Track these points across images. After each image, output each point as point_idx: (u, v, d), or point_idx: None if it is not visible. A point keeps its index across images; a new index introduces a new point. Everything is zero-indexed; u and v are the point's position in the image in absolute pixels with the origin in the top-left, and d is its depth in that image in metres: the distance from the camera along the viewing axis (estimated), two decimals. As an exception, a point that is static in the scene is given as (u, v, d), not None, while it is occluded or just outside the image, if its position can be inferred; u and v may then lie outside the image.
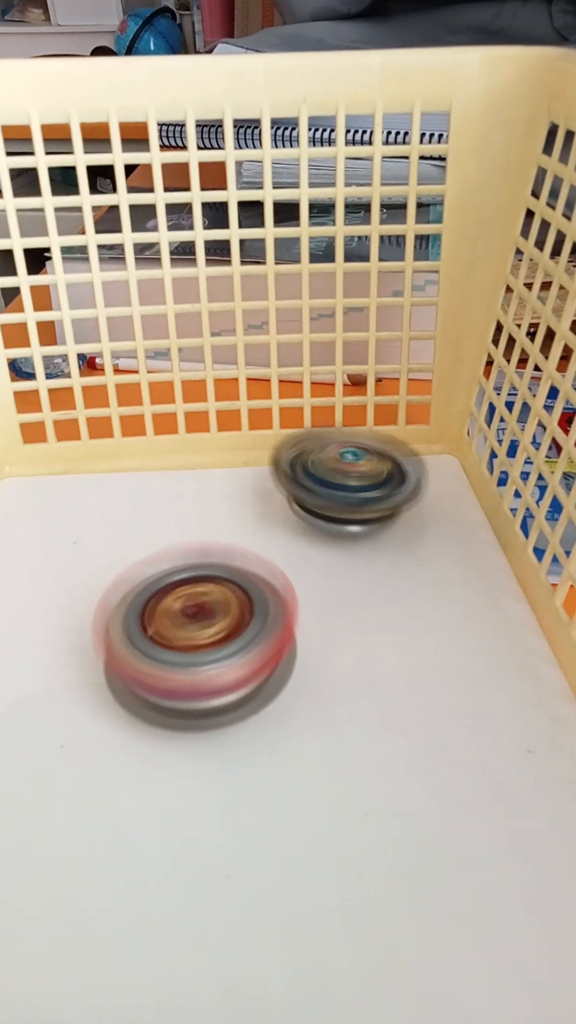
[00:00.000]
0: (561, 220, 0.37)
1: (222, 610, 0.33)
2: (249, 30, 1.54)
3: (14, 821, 0.29)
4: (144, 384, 0.47)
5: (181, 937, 0.26)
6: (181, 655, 0.31)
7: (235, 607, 0.33)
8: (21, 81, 0.39)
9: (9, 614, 0.38)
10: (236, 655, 0.31)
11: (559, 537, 0.36)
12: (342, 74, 0.41)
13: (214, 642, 0.31)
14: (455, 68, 0.41)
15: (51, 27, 1.78)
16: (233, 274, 0.45)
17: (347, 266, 0.45)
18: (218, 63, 0.40)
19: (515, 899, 0.27)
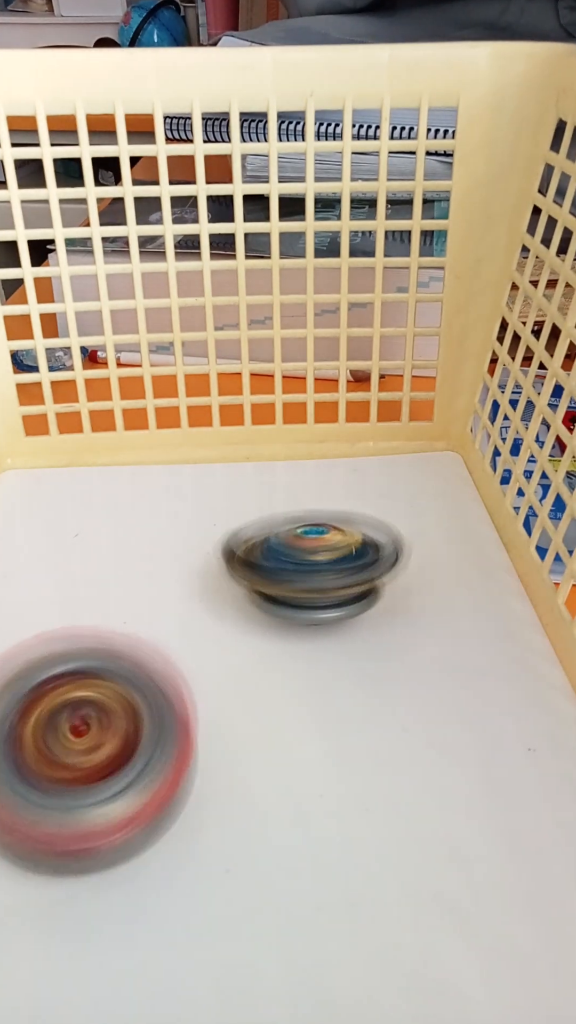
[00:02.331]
0: (568, 217, 0.37)
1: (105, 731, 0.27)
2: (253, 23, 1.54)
3: (14, 814, 0.29)
4: (147, 377, 0.47)
5: (178, 931, 0.26)
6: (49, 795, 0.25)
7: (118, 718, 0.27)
8: (28, 72, 0.39)
9: (9, 607, 0.38)
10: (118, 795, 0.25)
11: (562, 535, 0.36)
12: (350, 68, 0.40)
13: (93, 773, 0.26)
14: (464, 63, 0.41)
15: (54, 18, 1.77)
16: (237, 268, 0.45)
17: (352, 261, 0.45)
18: (226, 56, 0.40)
19: (515, 897, 0.27)
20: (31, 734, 0.27)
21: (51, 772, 0.26)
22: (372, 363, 0.48)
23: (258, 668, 0.35)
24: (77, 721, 0.28)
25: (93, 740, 0.27)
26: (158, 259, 0.44)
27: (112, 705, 0.28)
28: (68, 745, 0.27)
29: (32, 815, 0.25)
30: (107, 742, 0.27)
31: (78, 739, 0.27)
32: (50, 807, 0.25)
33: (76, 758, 0.27)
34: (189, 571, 0.40)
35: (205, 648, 0.36)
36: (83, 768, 0.26)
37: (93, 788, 0.26)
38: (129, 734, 0.27)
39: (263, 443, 0.48)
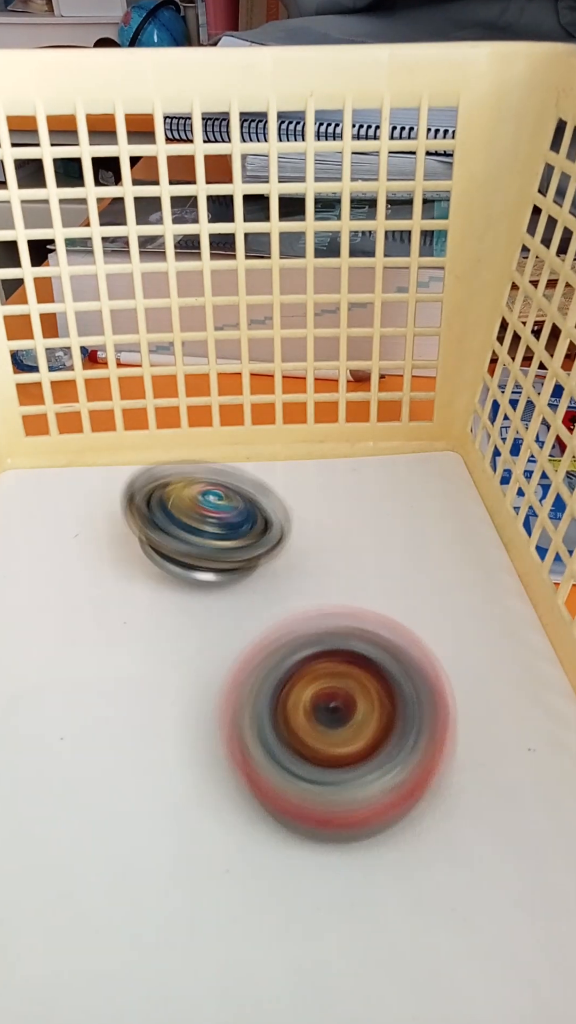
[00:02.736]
0: (568, 217, 0.37)
1: (361, 707, 0.29)
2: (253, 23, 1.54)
3: (14, 814, 0.29)
4: (147, 377, 0.47)
5: (180, 932, 0.26)
6: (319, 771, 0.27)
7: (376, 705, 0.29)
8: (28, 71, 0.39)
9: (9, 607, 0.38)
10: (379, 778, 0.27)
11: (562, 536, 0.36)
12: (350, 68, 0.40)
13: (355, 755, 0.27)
14: (464, 63, 0.40)
15: (54, 18, 1.77)
16: (237, 268, 0.45)
17: (352, 261, 0.45)
18: (226, 56, 0.40)
19: (515, 897, 0.27)
20: (297, 711, 0.29)
21: (320, 749, 0.28)
22: (372, 363, 0.48)
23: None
24: (338, 702, 0.29)
25: (354, 724, 0.28)
26: (158, 259, 0.44)
27: (369, 685, 0.29)
28: (326, 732, 0.28)
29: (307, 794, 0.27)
30: (369, 722, 0.28)
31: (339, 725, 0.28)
32: (325, 783, 0.27)
33: (334, 739, 0.28)
34: (189, 571, 0.40)
35: (207, 647, 0.36)
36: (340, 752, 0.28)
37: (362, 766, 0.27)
38: (389, 714, 0.28)
39: (263, 443, 0.48)
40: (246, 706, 0.29)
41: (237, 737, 0.28)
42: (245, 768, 0.28)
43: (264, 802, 0.28)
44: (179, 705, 0.33)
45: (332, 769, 0.27)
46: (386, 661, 0.30)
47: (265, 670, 0.30)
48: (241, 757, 0.28)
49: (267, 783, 0.27)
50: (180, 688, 0.34)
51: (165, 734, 0.32)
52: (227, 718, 0.29)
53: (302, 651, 0.31)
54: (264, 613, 0.37)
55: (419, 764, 0.27)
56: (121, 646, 0.36)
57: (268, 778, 0.27)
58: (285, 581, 0.39)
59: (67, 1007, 0.24)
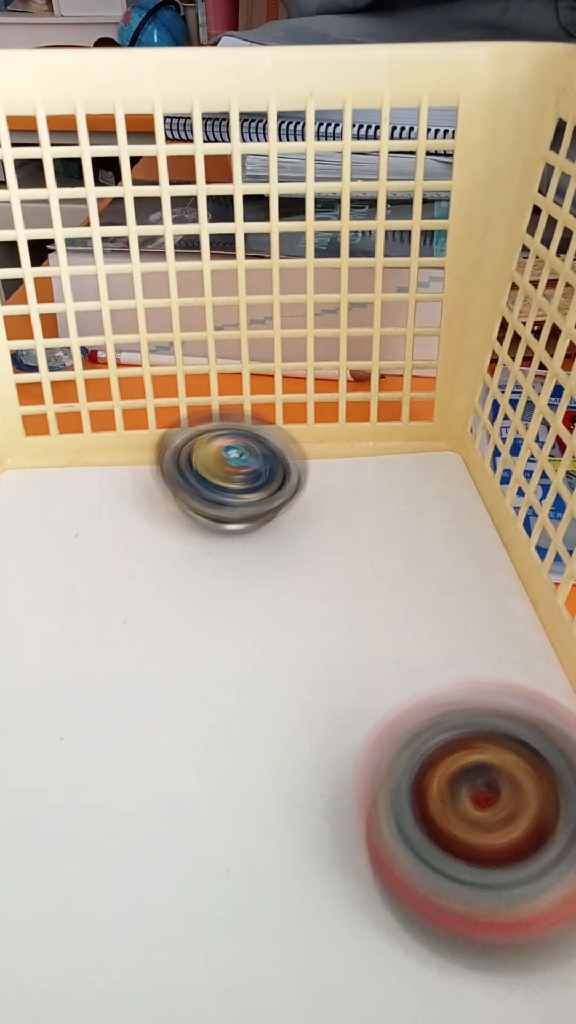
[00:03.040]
0: (568, 217, 0.37)
1: (512, 786, 0.24)
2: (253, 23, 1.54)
3: (14, 813, 0.29)
4: (147, 377, 0.47)
5: (180, 931, 0.26)
6: (473, 869, 0.23)
7: (530, 783, 0.24)
8: (28, 71, 0.39)
9: (10, 607, 0.38)
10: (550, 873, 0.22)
11: (562, 535, 0.36)
12: (350, 68, 0.40)
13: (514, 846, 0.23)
14: (464, 63, 0.40)
15: (54, 18, 1.77)
16: (237, 268, 0.45)
17: (352, 261, 0.45)
18: (226, 56, 0.40)
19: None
20: (437, 800, 0.25)
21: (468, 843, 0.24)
22: (372, 363, 0.48)
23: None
24: (482, 789, 0.25)
25: (505, 810, 0.24)
26: (158, 259, 0.44)
27: (517, 771, 0.25)
28: (476, 816, 0.24)
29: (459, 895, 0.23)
30: (522, 812, 0.24)
31: (487, 810, 0.24)
32: (478, 885, 0.22)
33: (489, 830, 0.24)
34: (189, 571, 0.40)
35: (206, 647, 0.36)
36: (499, 843, 0.23)
37: (521, 865, 0.23)
38: (544, 802, 0.24)
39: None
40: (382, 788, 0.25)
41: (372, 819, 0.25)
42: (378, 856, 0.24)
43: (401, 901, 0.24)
44: (179, 705, 0.33)
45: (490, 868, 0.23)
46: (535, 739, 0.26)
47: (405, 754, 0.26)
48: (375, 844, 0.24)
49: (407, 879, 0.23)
50: (180, 687, 0.34)
51: (165, 734, 0.32)
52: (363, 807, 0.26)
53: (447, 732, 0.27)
54: (266, 619, 0.37)
55: None
56: (121, 646, 0.36)
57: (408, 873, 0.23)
58: (285, 581, 0.39)
59: (67, 1007, 0.24)
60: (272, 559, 0.41)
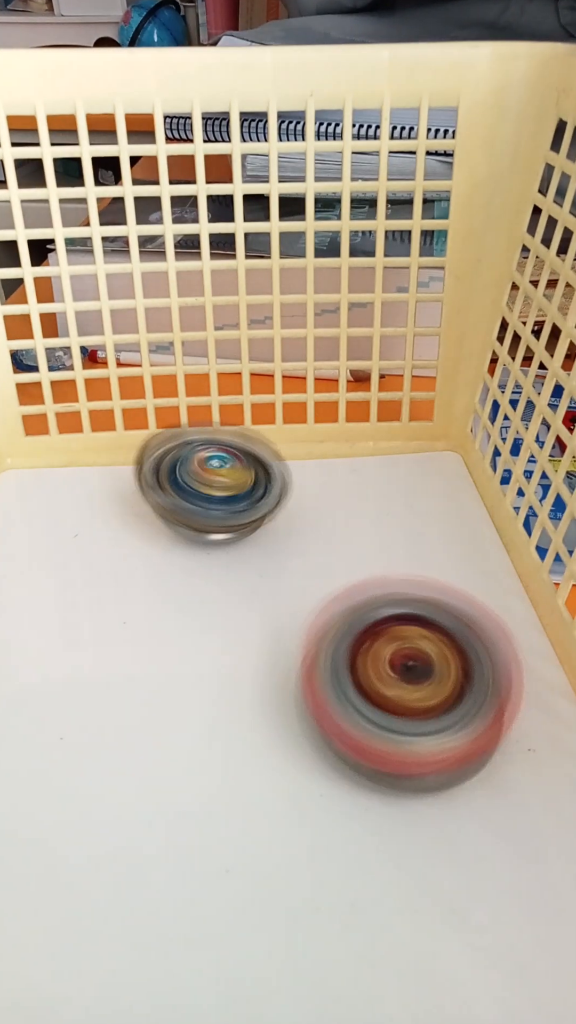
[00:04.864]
0: (568, 217, 0.37)
1: (437, 670, 0.30)
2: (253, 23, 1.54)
3: (14, 812, 0.29)
4: (147, 377, 0.47)
5: (180, 930, 0.26)
6: (390, 718, 0.28)
7: (451, 668, 0.30)
8: (28, 71, 0.39)
9: (9, 607, 0.38)
10: (449, 731, 0.28)
11: (562, 536, 0.36)
12: (350, 68, 0.40)
13: (426, 710, 0.29)
14: (464, 63, 0.40)
15: (54, 17, 1.77)
16: (237, 268, 0.45)
17: (352, 261, 0.45)
18: (226, 55, 0.40)
19: (514, 897, 0.27)
20: (371, 665, 0.30)
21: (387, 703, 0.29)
22: (372, 363, 0.48)
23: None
24: (410, 663, 0.30)
25: (422, 685, 0.29)
26: (158, 259, 0.44)
27: (441, 654, 0.30)
28: (401, 686, 0.29)
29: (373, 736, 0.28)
30: (434, 688, 0.29)
31: (411, 682, 0.29)
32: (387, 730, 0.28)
33: (408, 694, 0.29)
34: (189, 571, 0.40)
35: (205, 647, 0.36)
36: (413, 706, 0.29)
37: (427, 721, 0.28)
38: (459, 681, 0.29)
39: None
40: (325, 651, 0.30)
41: (313, 679, 0.30)
42: (315, 702, 0.29)
43: (330, 738, 0.29)
44: (179, 704, 0.33)
45: (404, 718, 0.28)
46: (463, 633, 0.31)
47: (346, 622, 0.31)
48: (313, 696, 0.29)
49: (336, 721, 0.28)
50: (179, 687, 0.34)
51: (165, 733, 0.32)
52: (306, 661, 0.30)
53: (383, 610, 0.32)
54: (266, 619, 0.37)
55: (487, 727, 0.28)
56: (121, 646, 0.36)
57: (337, 716, 0.28)
58: (285, 581, 0.39)
59: (67, 1007, 0.24)
60: (272, 559, 0.41)
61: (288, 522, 0.43)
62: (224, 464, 0.41)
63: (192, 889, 0.27)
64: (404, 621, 0.32)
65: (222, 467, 0.40)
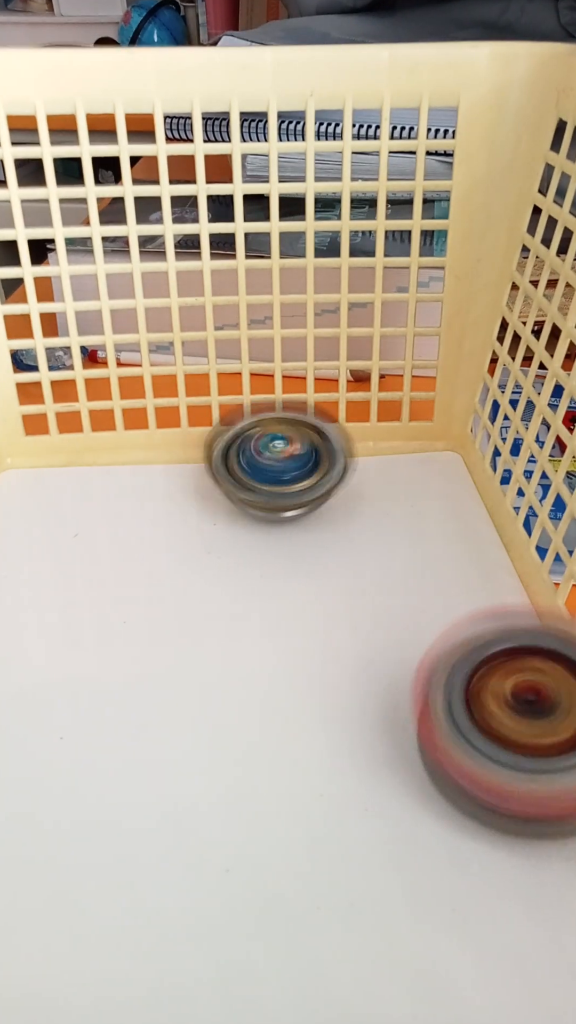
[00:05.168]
0: (568, 217, 0.37)
1: (564, 700, 0.27)
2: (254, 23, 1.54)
3: (13, 812, 0.29)
4: (147, 377, 0.47)
5: (180, 931, 0.26)
6: (526, 759, 0.26)
7: None
8: (27, 71, 0.39)
9: (9, 606, 0.38)
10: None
11: (562, 536, 0.36)
12: (350, 68, 0.40)
13: (557, 745, 0.26)
14: (464, 63, 0.40)
15: (54, 17, 1.77)
16: (237, 268, 0.45)
17: (352, 261, 0.45)
18: (226, 55, 0.40)
19: (514, 897, 0.27)
20: (488, 701, 0.27)
21: (517, 742, 0.26)
22: (372, 363, 0.48)
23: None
24: (532, 696, 0.27)
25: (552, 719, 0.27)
26: (158, 259, 0.44)
27: (566, 683, 0.28)
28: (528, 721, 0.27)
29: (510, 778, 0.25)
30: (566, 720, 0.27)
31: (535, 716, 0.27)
32: (527, 771, 0.25)
33: (538, 729, 0.27)
34: (189, 571, 0.40)
35: (205, 647, 0.36)
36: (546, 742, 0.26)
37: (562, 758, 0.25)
38: None
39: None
40: (438, 690, 0.28)
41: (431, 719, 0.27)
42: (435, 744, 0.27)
43: (463, 784, 0.27)
44: (178, 705, 0.33)
45: (533, 757, 0.26)
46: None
47: (456, 659, 0.29)
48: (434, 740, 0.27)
49: (465, 766, 0.26)
50: (179, 687, 0.34)
51: (164, 734, 0.32)
52: (420, 700, 0.28)
53: (494, 646, 0.30)
54: (265, 619, 0.37)
55: None
56: (121, 646, 0.36)
57: (465, 761, 0.26)
58: (284, 581, 0.39)
59: (66, 1007, 0.24)
60: (271, 559, 0.41)
61: (287, 522, 0.43)
62: (285, 445, 0.42)
63: (192, 889, 0.27)
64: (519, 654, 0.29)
65: (284, 448, 0.42)
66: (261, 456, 0.42)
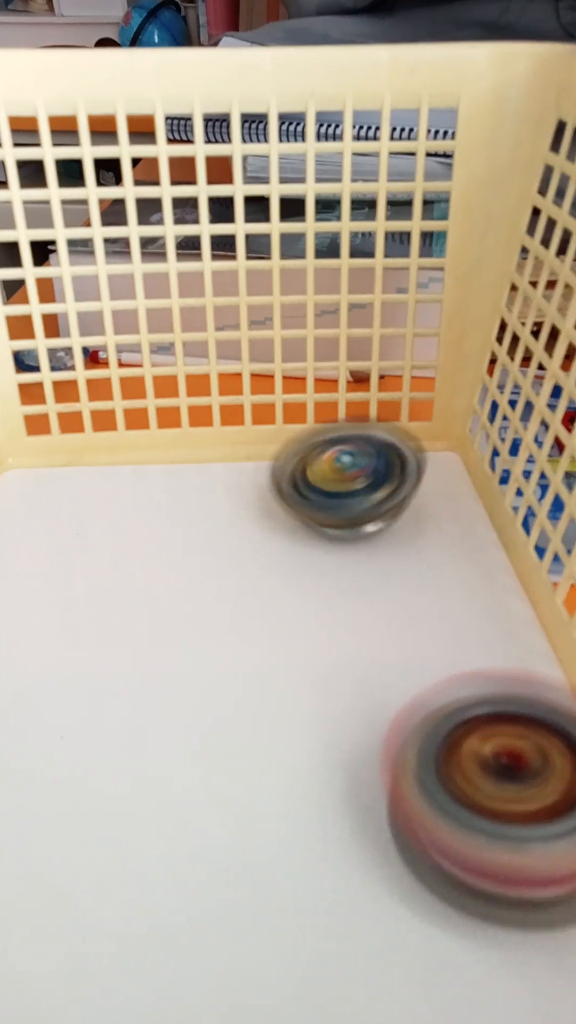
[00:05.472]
0: (568, 218, 0.37)
1: (545, 767, 0.25)
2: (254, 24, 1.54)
3: (14, 812, 0.29)
4: (148, 378, 0.47)
5: (180, 931, 0.26)
6: (500, 826, 0.24)
7: (561, 764, 0.25)
8: (28, 72, 0.39)
9: (10, 606, 0.38)
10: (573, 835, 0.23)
11: (561, 535, 0.36)
12: (350, 68, 0.40)
13: (541, 811, 0.24)
14: (464, 64, 0.41)
15: (54, 18, 1.77)
16: (238, 269, 0.45)
17: (352, 262, 0.45)
18: (226, 56, 0.40)
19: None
20: (464, 764, 0.26)
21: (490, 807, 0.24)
22: (372, 363, 0.48)
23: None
24: (510, 761, 0.26)
25: (531, 784, 0.25)
26: (159, 260, 0.45)
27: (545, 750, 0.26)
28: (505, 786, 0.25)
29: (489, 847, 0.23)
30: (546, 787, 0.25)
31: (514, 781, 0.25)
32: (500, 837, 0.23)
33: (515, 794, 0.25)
34: (189, 571, 0.40)
35: (205, 646, 0.36)
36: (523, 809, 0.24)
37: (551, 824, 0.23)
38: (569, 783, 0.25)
39: (263, 443, 0.49)
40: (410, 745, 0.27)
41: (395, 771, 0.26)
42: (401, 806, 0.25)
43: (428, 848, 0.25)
44: (179, 704, 0.33)
45: (510, 824, 0.24)
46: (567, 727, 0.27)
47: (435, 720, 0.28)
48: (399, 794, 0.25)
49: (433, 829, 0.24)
50: (180, 687, 0.34)
51: (165, 733, 0.32)
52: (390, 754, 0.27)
53: (475, 709, 0.28)
54: (265, 618, 0.38)
55: None
56: (122, 645, 0.36)
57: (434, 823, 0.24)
58: (283, 581, 0.39)
59: (66, 1007, 0.24)
60: (271, 559, 0.41)
61: (287, 522, 0.43)
62: (355, 459, 0.41)
63: (192, 888, 0.27)
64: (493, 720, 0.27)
65: (354, 462, 0.41)
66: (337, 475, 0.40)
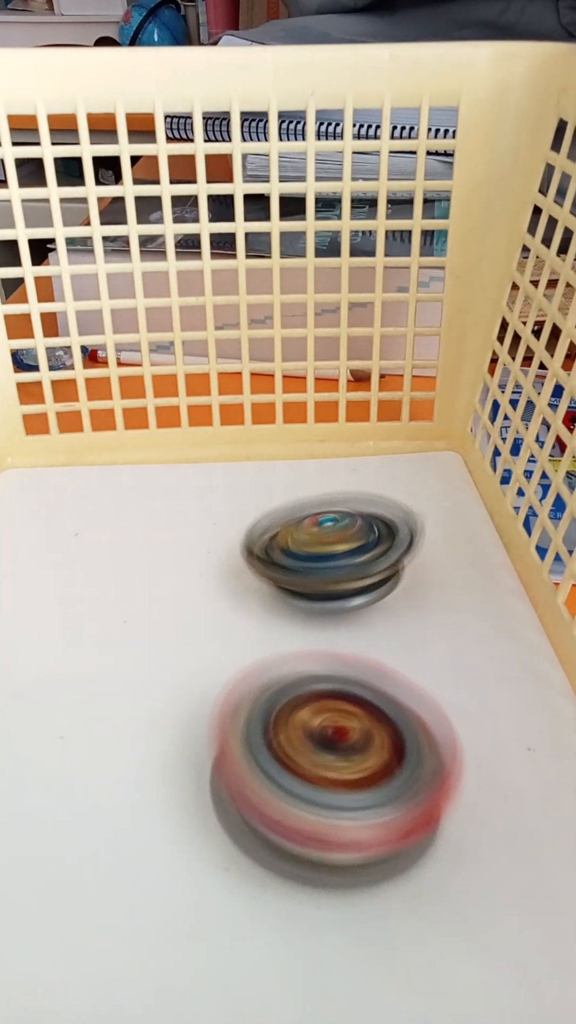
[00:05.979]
0: (568, 217, 0.37)
1: (366, 746, 0.27)
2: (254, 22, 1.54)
3: (13, 812, 0.29)
4: (147, 377, 0.47)
5: (180, 930, 0.26)
6: (311, 788, 0.25)
7: (380, 745, 0.27)
8: (28, 70, 0.39)
9: (10, 606, 0.38)
10: (378, 807, 0.25)
11: (562, 535, 0.36)
12: (351, 67, 0.40)
13: (352, 782, 0.25)
14: (464, 63, 0.41)
15: (54, 16, 1.77)
16: (238, 268, 0.45)
17: (352, 261, 0.45)
18: (226, 55, 0.40)
19: (514, 897, 0.27)
20: (291, 730, 0.27)
21: (307, 772, 0.26)
22: (372, 363, 0.48)
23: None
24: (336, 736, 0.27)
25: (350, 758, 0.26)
26: (158, 258, 0.44)
27: (371, 731, 0.27)
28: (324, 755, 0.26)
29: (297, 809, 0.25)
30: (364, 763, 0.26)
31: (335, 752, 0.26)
32: (308, 801, 0.25)
33: (332, 763, 0.26)
34: (189, 571, 0.40)
35: (205, 645, 0.36)
36: (337, 777, 0.26)
37: (359, 793, 0.25)
38: (385, 764, 0.26)
39: (263, 443, 0.48)
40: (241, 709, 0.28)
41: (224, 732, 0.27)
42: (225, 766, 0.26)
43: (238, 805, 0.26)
44: (179, 703, 0.33)
45: (324, 790, 0.25)
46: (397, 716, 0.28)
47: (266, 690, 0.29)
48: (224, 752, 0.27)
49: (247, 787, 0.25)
50: (180, 686, 0.34)
51: (165, 732, 0.32)
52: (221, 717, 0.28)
53: (311, 685, 0.29)
54: (264, 618, 0.37)
55: (422, 804, 0.25)
56: (121, 645, 0.36)
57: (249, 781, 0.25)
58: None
59: (65, 1006, 0.24)
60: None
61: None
62: (338, 521, 0.36)
63: (191, 888, 0.27)
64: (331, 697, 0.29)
65: (337, 524, 0.36)
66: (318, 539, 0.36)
